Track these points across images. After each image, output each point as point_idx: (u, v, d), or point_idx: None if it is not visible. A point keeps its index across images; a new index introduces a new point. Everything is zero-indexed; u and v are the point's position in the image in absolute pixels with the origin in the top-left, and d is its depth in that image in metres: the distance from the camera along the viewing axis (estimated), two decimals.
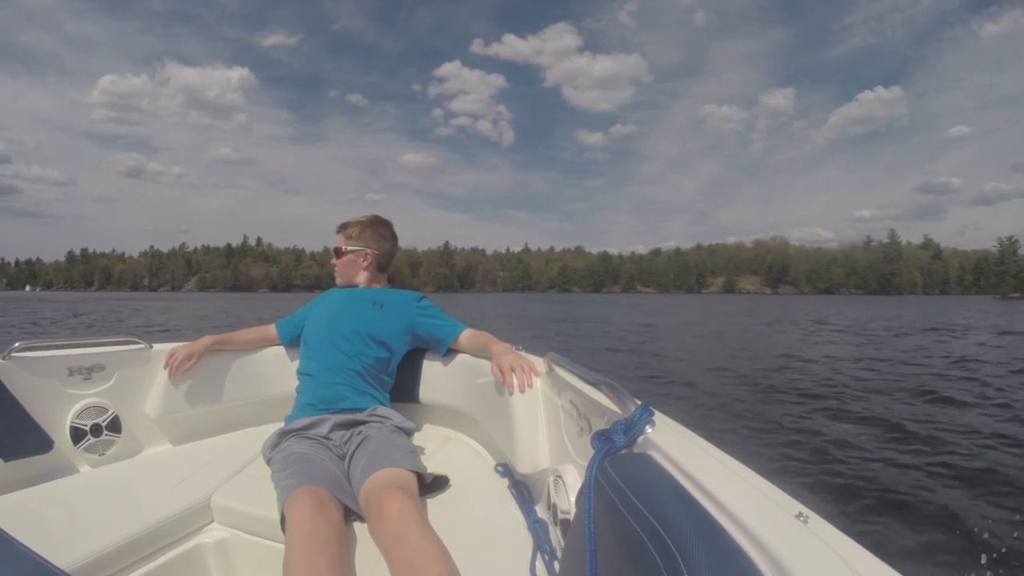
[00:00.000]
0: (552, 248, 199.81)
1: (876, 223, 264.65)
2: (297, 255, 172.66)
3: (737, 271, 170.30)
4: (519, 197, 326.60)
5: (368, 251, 1.80)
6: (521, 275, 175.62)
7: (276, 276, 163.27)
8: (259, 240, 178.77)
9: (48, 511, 1.23)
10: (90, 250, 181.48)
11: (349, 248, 1.80)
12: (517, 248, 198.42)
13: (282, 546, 0.99)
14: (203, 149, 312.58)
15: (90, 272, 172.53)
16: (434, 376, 1.79)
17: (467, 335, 1.68)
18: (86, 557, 0.99)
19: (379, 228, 1.84)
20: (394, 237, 1.89)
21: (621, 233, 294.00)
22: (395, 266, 1.94)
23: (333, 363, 1.57)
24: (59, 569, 0.69)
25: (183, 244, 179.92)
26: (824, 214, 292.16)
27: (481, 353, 1.61)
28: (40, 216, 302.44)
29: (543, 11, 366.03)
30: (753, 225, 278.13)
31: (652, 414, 0.79)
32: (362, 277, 1.81)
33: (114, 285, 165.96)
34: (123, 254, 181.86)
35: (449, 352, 1.74)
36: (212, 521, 1.26)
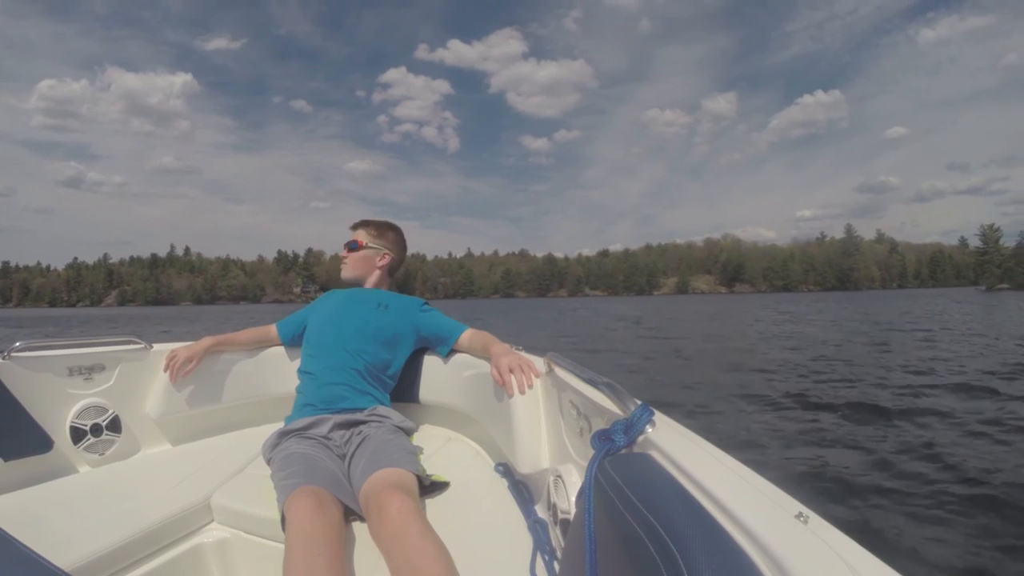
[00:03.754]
0: (496, 252, 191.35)
1: (818, 222, 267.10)
2: (224, 264, 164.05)
3: (689, 271, 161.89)
4: (465, 203, 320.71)
5: (387, 252, 1.84)
6: (463, 280, 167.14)
7: (200, 287, 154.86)
8: (187, 250, 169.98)
9: (48, 511, 1.22)
10: (12, 264, 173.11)
11: (370, 244, 1.82)
12: (460, 253, 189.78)
13: (282, 546, 0.98)
14: (145, 157, 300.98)
15: (9, 287, 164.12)
16: (434, 376, 1.79)
17: (468, 335, 1.69)
18: (86, 557, 0.99)
19: (399, 234, 1.91)
20: (406, 248, 1.93)
21: (567, 237, 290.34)
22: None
23: (335, 362, 1.57)
24: (59, 569, 0.69)
25: (106, 255, 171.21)
26: (766, 214, 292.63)
27: (481, 353, 1.62)
28: None
29: (489, 17, 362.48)
30: (697, 227, 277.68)
31: (652, 414, 0.79)
32: (374, 276, 1.83)
33: (32, 301, 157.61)
34: (48, 267, 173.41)
35: (449, 352, 1.75)
36: (212, 521, 1.25)
